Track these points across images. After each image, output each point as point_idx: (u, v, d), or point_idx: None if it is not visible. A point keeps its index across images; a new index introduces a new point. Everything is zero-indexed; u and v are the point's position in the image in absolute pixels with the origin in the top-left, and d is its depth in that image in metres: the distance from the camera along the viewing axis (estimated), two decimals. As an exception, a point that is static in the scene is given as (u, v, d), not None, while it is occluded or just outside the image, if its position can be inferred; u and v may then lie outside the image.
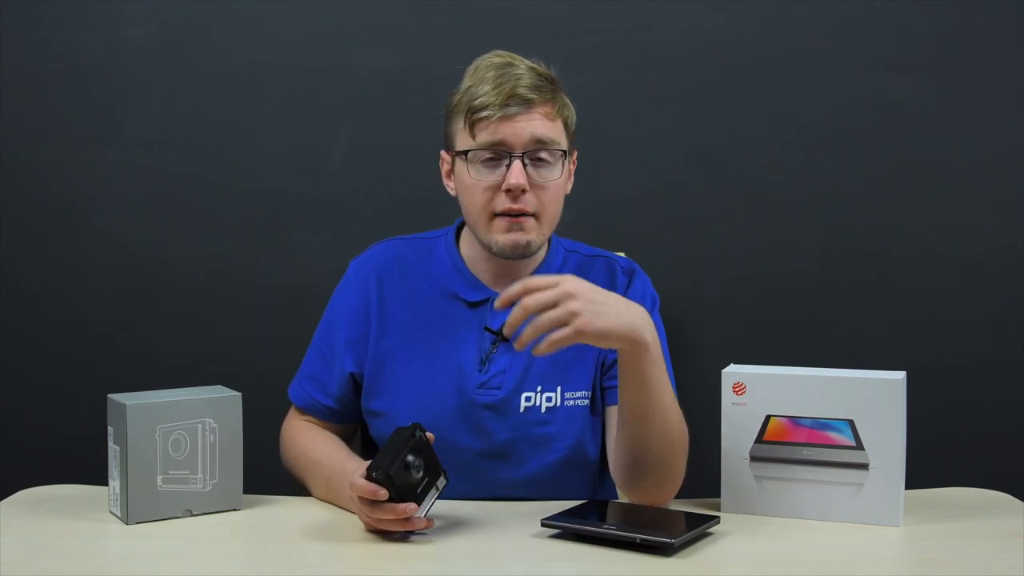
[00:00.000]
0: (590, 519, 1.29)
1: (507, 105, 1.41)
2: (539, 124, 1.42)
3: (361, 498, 1.26)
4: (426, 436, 1.29)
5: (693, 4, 1.93)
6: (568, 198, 1.50)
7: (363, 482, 1.24)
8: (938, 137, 1.92)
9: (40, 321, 2.02)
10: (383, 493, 1.24)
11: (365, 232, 1.92)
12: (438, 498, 1.30)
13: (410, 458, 1.26)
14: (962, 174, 1.92)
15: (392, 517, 1.25)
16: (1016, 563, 1.18)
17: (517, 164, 1.41)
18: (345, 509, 1.38)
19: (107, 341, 2.01)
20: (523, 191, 1.42)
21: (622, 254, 1.64)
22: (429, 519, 1.28)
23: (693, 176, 1.96)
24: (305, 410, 1.57)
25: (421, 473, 1.27)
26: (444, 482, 1.30)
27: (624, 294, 1.49)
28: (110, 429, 1.36)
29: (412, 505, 1.25)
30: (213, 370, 1.87)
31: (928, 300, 1.93)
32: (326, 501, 1.44)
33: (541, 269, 1.52)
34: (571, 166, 1.51)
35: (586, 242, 1.61)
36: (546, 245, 1.55)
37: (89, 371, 2.00)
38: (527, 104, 1.42)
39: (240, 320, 2.01)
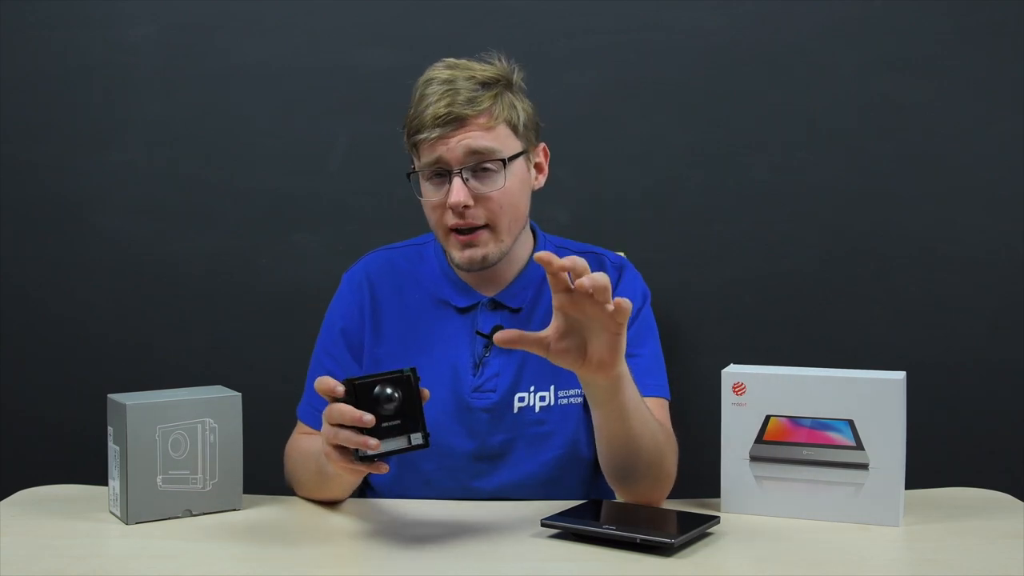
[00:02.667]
0: (590, 519, 1.29)
1: (438, 126, 1.40)
2: (474, 137, 1.41)
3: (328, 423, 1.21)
4: (417, 383, 1.24)
5: (693, 4, 1.93)
6: (568, 197, 1.50)
7: (328, 377, 1.20)
8: (938, 137, 1.92)
9: (40, 321, 2.02)
10: (340, 389, 1.19)
11: (365, 232, 1.92)
12: (407, 452, 1.23)
13: (388, 390, 1.20)
14: (962, 174, 1.92)
15: (339, 417, 1.18)
16: (1016, 563, 1.18)
17: (456, 181, 1.41)
18: (332, 491, 1.39)
19: (107, 341, 2.01)
20: (466, 207, 1.41)
21: (622, 254, 1.64)
22: (381, 463, 1.21)
23: (693, 176, 1.96)
24: (314, 426, 1.51)
25: (394, 407, 1.21)
26: (420, 441, 1.23)
27: (615, 288, 1.49)
28: (110, 429, 1.36)
29: (370, 418, 1.17)
30: (213, 370, 1.87)
31: (928, 300, 1.93)
32: (323, 498, 1.43)
33: (528, 270, 1.53)
34: (533, 162, 1.49)
35: (586, 242, 1.61)
36: (532, 243, 1.55)
37: (89, 371, 2.00)
38: (459, 121, 1.40)
39: (240, 320, 2.01)
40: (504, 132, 1.44)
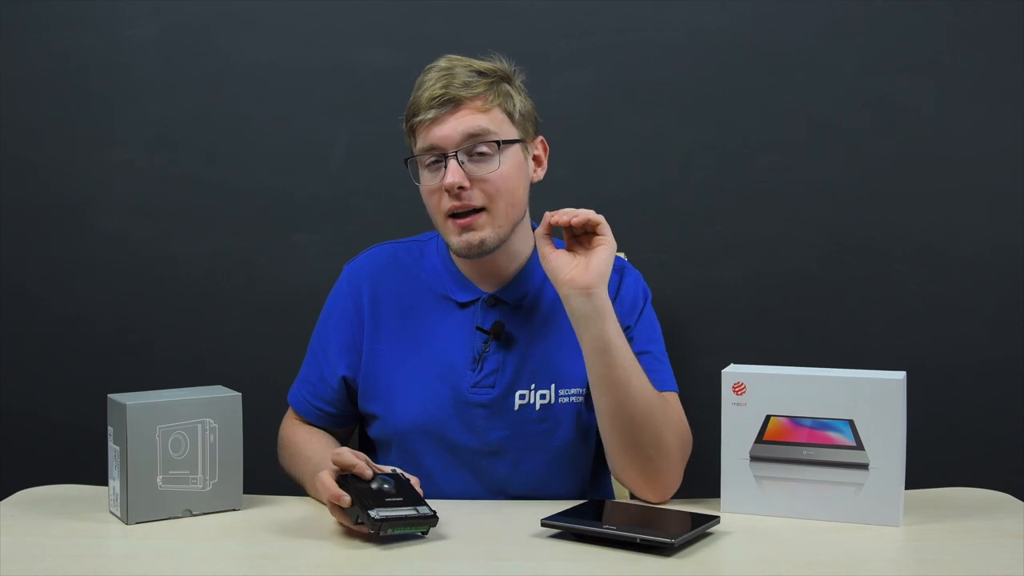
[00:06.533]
0: (590, 519, 1.29)
1: (433, 107, 1.42)
2: (470, 119, 1.43)
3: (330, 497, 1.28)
4: (404, 476, 1.31)
5: (693, 4, 1.93)
6: (568, 197, 1.50)
7: (331, 483, 1.26)
8: (938, 137, 1.92)
9: (40, 321, 2.02)
10: (346, 500, 1.25)
11: (365, 232, 1.92)
12: (420, 523, 1.25)
13: (385, 485, 1.27)
14: (962, 174, 1.92)
15: (330, 494, 1.26)
16: (1016, 563, 1.18)
17: (452, 163, 1.42)
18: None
19: (107, 341, 2.01)
20: (461, 188, 1.42)
21: (621, 254, 1.64)
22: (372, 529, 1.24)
23: (693, 176, 1.96)
24: (302, 414, 1.58)
25: (395, 492, 1.27)
26: (429, 512, 1.25)
27: (616, 291, 1.52)
28: (110, 429, 1.36)
29: (345, 498, 1.25)
30: (213, 370, 1.87)
31: (928, 300, 1.93)
32: (315, 498, 1.44)
33: (529, 266, 1.53)
34: (531, 154, 1.50)
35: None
36: (533, 240, 1.55)
37: (89, 371, 2.00)
38: (455, 103, 1.42)
39: (240, 320, 2.01)
40: (500, 116, 1.45)
